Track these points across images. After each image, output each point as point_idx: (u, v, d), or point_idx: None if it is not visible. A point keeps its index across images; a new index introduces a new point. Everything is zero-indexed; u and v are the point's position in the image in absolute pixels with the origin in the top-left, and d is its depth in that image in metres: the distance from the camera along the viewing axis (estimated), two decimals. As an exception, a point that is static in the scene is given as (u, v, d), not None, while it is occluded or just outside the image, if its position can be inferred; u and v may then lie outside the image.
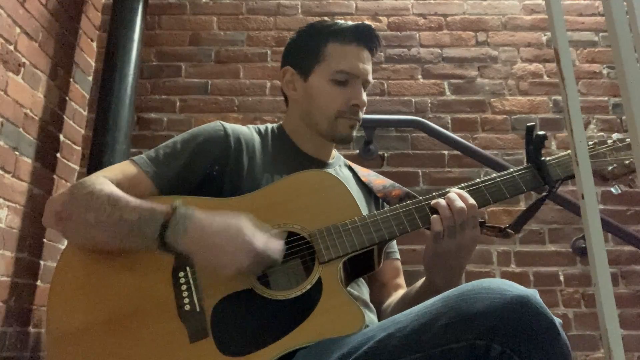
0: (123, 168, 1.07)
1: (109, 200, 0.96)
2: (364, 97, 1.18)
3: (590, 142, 1.10)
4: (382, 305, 1.18)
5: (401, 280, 1.24)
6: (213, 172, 1.10)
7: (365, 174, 1.28)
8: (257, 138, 1.19)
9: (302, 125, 1.21)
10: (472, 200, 1.00)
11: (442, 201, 1.00)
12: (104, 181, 1.01)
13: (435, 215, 1.00)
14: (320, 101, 1.17)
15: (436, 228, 0.98)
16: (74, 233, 0.99)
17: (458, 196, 1.00)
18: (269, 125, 1.26)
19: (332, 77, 1.16)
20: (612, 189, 1.09)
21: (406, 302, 1.10)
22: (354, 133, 1.20)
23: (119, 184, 1.02)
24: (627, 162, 1.07)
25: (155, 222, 0.92)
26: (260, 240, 0.91)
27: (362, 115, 1.20)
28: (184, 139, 1.12)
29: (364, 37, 1.18)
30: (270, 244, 0.92)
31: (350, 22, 1.20)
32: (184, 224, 0.91)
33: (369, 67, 1.19)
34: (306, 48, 1.20)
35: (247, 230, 0.91)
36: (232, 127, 1.16)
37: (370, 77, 1.20)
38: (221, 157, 1.11)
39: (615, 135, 1.10)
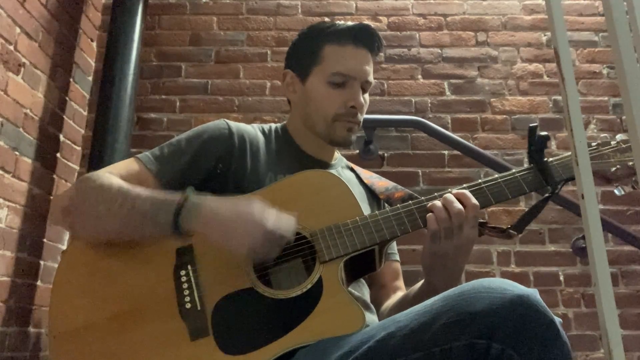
0: (127, 165, 1.08)
1: (119, 191, 0.98)
2: (362, 98, 1.15)
3: (594, 143, 1.10)
4: (381, 307, 1.18)
5: (400, 282, 1.24)
6: (217, 171, 1.10)
7: (368, 176, 1.27)
8: (261, 137, 1.19)
9: (303, 127, 1.21)
10: (474, 201, 0.99)
11: (437, 203, 1.00)
12: (110, 176, 1.02)
13: (430, 214, 1.00)
14: (317, 104, 1.16)
15: (432, 227, 0.98)
16: (83, 226, 1.00)
17: (459, 196, 1.00)
18: (273, 125, 1.25)
19: (329, 79, 1.14)
20: (615, 191, 1.09)
21: (405, 304, 1.09)
22: (353, 137, 1.18)
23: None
24: (630, 163, 1.06)
25: (167, 209, 0.94)
26: (270, 219, 0.91)
27: (362, 118, 1.18)
28: (189, 137, 1.12)
29: (361, 37, 1.16)
30: (281, 222, 0.92)
31: (348, 23, 1.18)
32: (196, 210, 0.93)
33: (368, 67, 1.16)
34: (304, 51, 1.19)
35: (257, 211, 0.92)
36: (237, 126, 1.16)
37: (370, 78, 1.17)
38: (225, 155, 1.11)
39: (618, 137, 1.10)
